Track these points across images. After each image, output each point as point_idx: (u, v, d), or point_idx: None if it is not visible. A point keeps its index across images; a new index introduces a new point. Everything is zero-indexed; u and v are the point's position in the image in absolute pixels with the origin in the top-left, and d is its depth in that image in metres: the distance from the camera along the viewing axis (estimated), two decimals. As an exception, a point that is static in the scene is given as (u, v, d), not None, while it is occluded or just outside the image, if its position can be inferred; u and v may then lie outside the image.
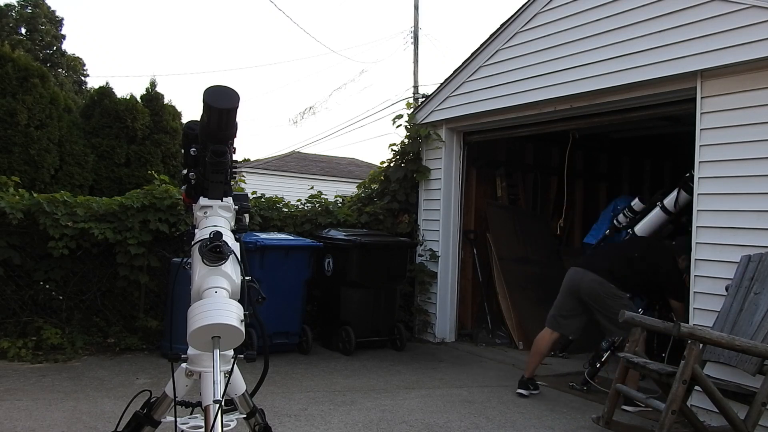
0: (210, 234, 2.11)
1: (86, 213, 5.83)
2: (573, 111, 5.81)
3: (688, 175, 4.91)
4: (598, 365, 5.22)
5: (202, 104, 2.13)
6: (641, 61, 4.91)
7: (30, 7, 26.87)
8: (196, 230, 2.28)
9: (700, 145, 4.60)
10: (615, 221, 5.84)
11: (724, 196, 4.45)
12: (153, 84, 11.67)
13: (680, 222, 5.41)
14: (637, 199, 5.70)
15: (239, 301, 2.07)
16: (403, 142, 7.68)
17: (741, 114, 4.36)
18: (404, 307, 7.31)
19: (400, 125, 7.66)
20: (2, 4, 25.83)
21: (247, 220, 2.45)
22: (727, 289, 4.18)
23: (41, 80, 9.84)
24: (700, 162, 4.60)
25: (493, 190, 7.79)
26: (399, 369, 5.83)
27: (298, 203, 7.62)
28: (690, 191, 4.82)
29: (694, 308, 4.57)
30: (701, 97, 4.59)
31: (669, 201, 5.31)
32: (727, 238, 4.40)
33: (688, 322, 4.52)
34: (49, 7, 27.49)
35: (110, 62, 56.96)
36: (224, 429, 1.98)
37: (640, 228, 5.42)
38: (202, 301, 2.00)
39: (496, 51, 6.31)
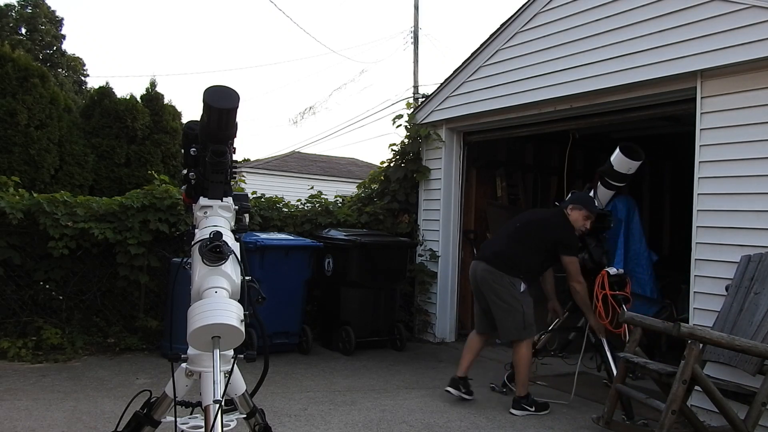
0: (210, 234, 2.11)
1: (86, 213, 5.83)
2: (573, 111, 5.81)
3: (601, 168, 4.70)
4: None
5: (202, 104, 2.13)
6: (641, 61, 4.91)
7: (30, 7, 26.88)
8: (196, 230, 2.28)
9: (700, 145, 4.60)
10: None
11: (724, 196, 4.45)
12: (153, 84, 11.68)
13: (603, 218, 4.99)
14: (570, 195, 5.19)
15: (239, 301, 2.07)
16: (403, 142, 7.68)
17: (741, 114, 4.35)
18: (404, 307, 7.31)
19: (400, 125, 7.67)
20: (2, 4, 25.87)
21: (247, 220, 2.45)
22: (727, 289, 4.18)
23: (41, 80, 9.84)
24: (700, 162, 4.60)
25: (493, 190, 7.79)
26: (399, 369, 5.83)
27: (298, 203, 7.62)
28: (608, 185, 4.65)
29: (694, 308, 4.57)
30: (701, 97, 4.59)
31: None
32: (727, 238, 4.39)
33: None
34: (49, 7, 27.51)
35: (110, 62, 56.99)
36: (224, 429, 1.98)
37: None
38: (202, 301, 2.00)
39: (496, 51, 6.31)
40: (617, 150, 4.55)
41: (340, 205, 7.93)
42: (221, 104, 2.11)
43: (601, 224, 4.94)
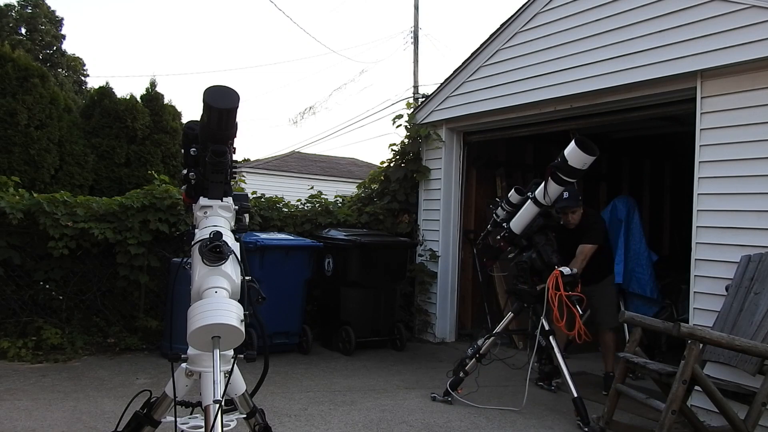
0: (210, 234, 2.11)
1: (86, 213, 5.83)
2: (573, 111, 5.81)
3: (554, 163, 4.46)
4: (461, 374, 4.81)
5: (202, 104, 2.13)
6: (641, 61, 4.91)
7: (30, 7, 26.87)
8: (196, 230, 2.28)
9: (700, 145, 4.60)
10: (494, 215, 5.13)
11: (724, 196, 4.45)
12: (153, 84, 11.66)
13: (551, 215, 4.78)
14: (513, 191, 5.00)
15: (239, 301, 2.07)
16: (403, 142, 7.68)
17: (741, 114, 4.36)
18: (404, 307, 7.31)
19: (400, 125, 7.67)
20: (2, 4, 25.86)
21: (247, 220, 2.45)
22: (727, 289, 4.18)
23: (41, 80, 9.82)
24: (700, 162, 4.60)
25: (493, 190, 7.79)
26: (399, 369, 5.83)
27: (298, 203, 7.62)
28: (559, 181, 4.40)
29: (694, 308, 4.57)
30: (701, 97, 4.59)
31: (539, 192, 4.63)
32: (727, 238, 4.39)
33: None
34: (49, 7, 27.50)
35: (110, 62, 56.96)
36: (224, 429, 1.98)
37: (514, 223, 4.83)
38: (202, 301, 2.00)
39: (496, 51, 6.31)
40: (572, 144, 4.28)
41: (340, 205, 7.93)
42: (221, 104, 2.11)
43: (548, 221, 4.74)
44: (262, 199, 7.31)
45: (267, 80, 71.04)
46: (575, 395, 4.27)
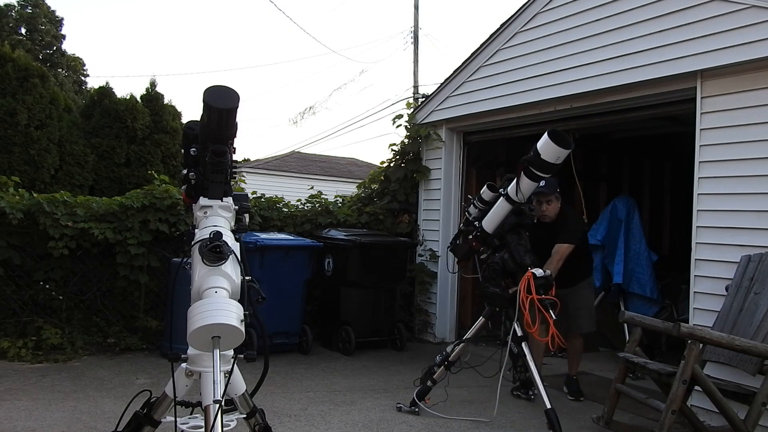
0: (210, 234, 2.11)
1: (86, 213, 5.83)
2: (573, 111, 5.81)
3: (526, 157, 4.18)
4: (429, 383, 4.49)
5: (202, 104, 2.13)
6: (641, 61, 4.91)
7: (30, 7, 26.87)
8: (196, 230, 2.28)
9: (700, 145, 4.60)
10: (467, 213, 4.79)
11: (724, 196, 4.44)
12: (153, 84, 11.66)
13: (524, 213, 4.42)
14: (486, 187, 4.66)
15: (239, 301, 2.07)
16: (403, 142, 7.68)
17: (741, 114, 4.35)
18: (404, 307, 7.30)
19: (400, 125, 7.67)
20: (2, 4, 25.87)
21: (247, 220, 2.45)
22: (727, 289, 4.18)
23: (41, 80, 9.82)
24: (700, 162, 4.60)
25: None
26: (399, 369, 5.83)
27: (298, 203, 7.62)
28: (531, 176, 4.13)
29: (694, 308, 4.57)
30: (701, 97, 4.59)
31: (512, 188, 4.32)
32: (727, 238, 4.39)
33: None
34: (49, 7, 27.51)
35: (110, 62, 57.02)
36: (224, 429, 1.98)
37: (486, 221, 4.48)
38: (202, 301, 2.00)
39: (496, 51, 6.31)
40: (545, 136, 4.02)
41: (340, 205, 7.93)
42: (221, 104, 2.11)
43: (521, 220, 4.38)
44: (262, 199, 7.31)
45: (267, 80, 71.10)
46: (548, 406, 3.90)
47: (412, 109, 7.76)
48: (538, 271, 4.10)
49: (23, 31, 26.78)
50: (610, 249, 6.44)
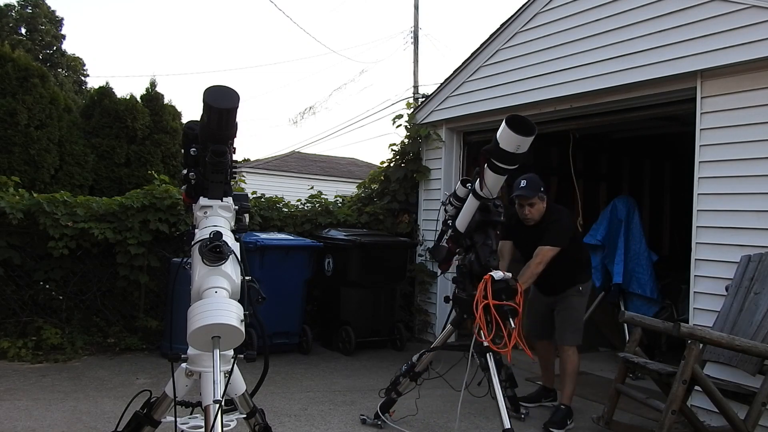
0: (210, 234, 2.11)
1: (86, 213, 5.83)
2: (573, 111, 5.81)
3: (486, 147, 3.82)
4: (394, 394, 4.21)
5: (202, 104, 2.13)
6: (641, 61, 4.91)
7: (30, 7, 26.89)
8: (196, 230, 2.29)
9: (700, 145, 4.60)
10: (445, 211, 4.41)
11: (724, 196, 4.44)
12: (153, 84, 11.66)
13: (490, 210, 4.01)
14: (459, 183, 4.32)
15: (239, 301, 2.07)
16: (403, 142, 7.68)
17: (741, 114, 4.35)
18: (404, 307, 7.30)
19: (400, 125, 7.67)
20: (2, 4, 25.88)
21: (247, 220, 2.46)
22: (727, 289, 4.18)
23: (41, 80, 9.82)
24: (700, 162, 4.60)
25: (493, 190, 7.77)
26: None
27: (298, 203, 7.62)
28: (494, 168, 3.77)
29: (694, 308, 4.56)
30: (701, 97, 4.59)
31: (477, 183, 3.95)
32: (727, 238, 4.39)
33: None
34: (49, 7, 27.52)
35: (110, 62, 57.04)
36: (224, 429, 1.98)
37: (459, 220, 4.12)
38: (202, 301, 2.00)
39: (496, 51, 6.31)
40: (503, 124, 3.66)
41: (340, 205, 7.93)
42: (221, 104, 2.11)
43: (487, 217, 3.98)
44: (262, 199, 7.31)
45: (267, 80, 71.12)
46: (507, 426, 3.43)
47: (412, 109, 7.76)
48: (498, 274, 3.68)
49: (23, 31, 26.80)
50: (610, 249, 6.43)
